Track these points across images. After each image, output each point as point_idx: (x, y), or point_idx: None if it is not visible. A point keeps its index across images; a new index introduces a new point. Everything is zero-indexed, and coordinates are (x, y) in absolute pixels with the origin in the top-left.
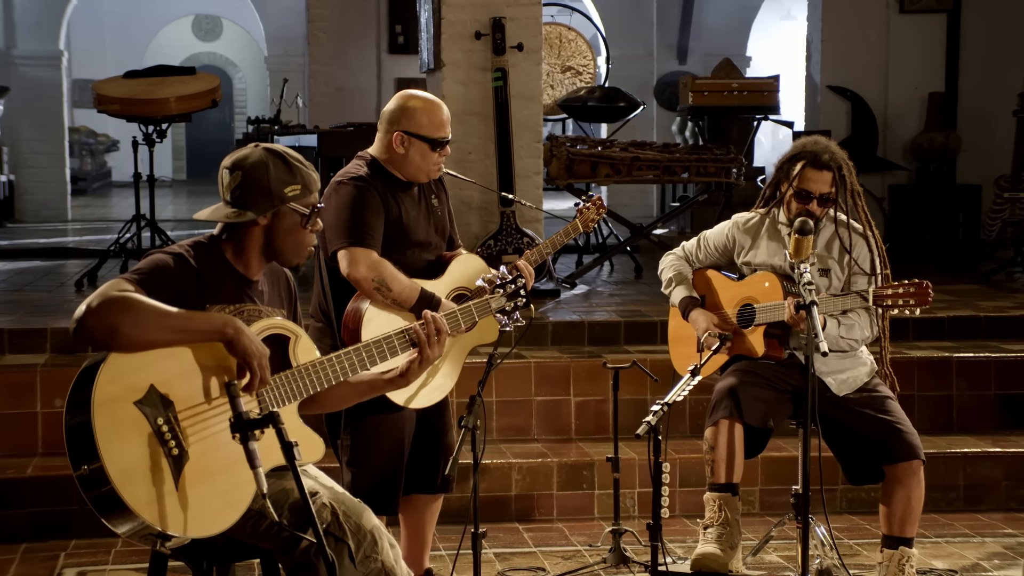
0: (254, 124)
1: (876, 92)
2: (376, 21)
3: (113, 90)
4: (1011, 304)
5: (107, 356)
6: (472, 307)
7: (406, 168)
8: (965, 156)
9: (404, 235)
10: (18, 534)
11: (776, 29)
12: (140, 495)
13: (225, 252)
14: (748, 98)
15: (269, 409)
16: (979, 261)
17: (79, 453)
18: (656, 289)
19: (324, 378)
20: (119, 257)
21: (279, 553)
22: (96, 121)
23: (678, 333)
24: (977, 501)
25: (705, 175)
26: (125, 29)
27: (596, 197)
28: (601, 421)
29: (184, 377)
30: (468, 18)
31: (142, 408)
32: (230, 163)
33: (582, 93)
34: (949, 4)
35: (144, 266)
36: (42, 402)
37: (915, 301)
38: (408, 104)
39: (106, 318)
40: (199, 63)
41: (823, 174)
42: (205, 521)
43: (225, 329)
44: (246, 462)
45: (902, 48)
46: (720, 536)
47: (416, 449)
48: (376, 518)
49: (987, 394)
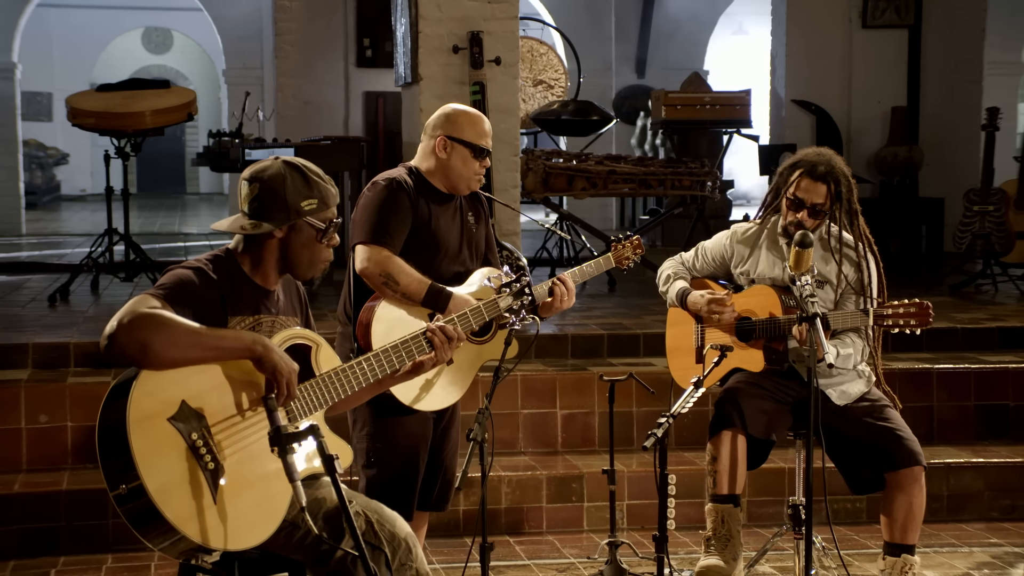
0: (215, 137)
1: (840, 106)
2: (344, 35)
3: (88, 104)
4: (985, 316)
5: (138, 373)
6: (481, 307)
7: (448, 175)
8: (927, 169)
9: (433, 241)
10: (6, 551)
11: (728, 43)
12: (181, 511)
13: (242, 264)
14: (720, 112)
15: (297, 419)
16: (943, 273)
17: (115, 471)
18: (634, 302)
19: (347, 385)
20: (90, 272)
21: (312, 564)
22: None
23: (676, 344)
24: (960, 511)
25: (680, 188)
26: (74, 41)
27: (635, 237)
28: (587, 433)
29: (214, 391)
30: (445, 32)
31: (176, 424)
32: (249, 175)
33: (555, 107)
34: (910, 20)
35: (168, 282)
36: (26, 418)
37: (916, 321)
38: (452, 112)
39: (137, 335)
40: (149, 76)
41: (818, 186)
42: (244, 534)
43: (254, 347)
44: (279, 473)
45: (865, 63)
46: (723, 548)
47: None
48: (409, 526)
49: (967, 405)
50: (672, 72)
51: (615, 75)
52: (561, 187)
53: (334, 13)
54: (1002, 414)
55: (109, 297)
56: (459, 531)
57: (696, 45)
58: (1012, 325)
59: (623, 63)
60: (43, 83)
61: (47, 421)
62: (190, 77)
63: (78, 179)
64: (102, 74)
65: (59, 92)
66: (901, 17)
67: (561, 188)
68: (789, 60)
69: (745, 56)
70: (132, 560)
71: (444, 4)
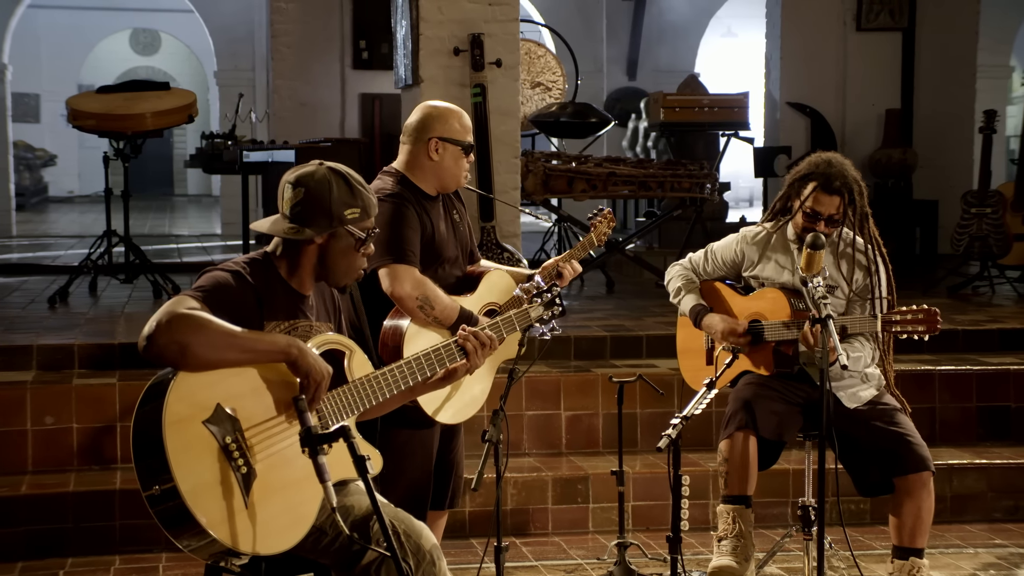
0: (208, 139)
1: (834, 108)
2: (340, 36)
3: (88, 105)
4: (985, 318)
5: (175, 375)
6: (512, 316)
7: (439, 176)
8: (921, 172)
9: (437, 252)
10: (14, 553)
11: (717, 46)
12: (212, 513)
13: (279, 268)
14: (719, 114)
15: (328, 423)
16: (938, 275)
17: (149, 471)
18: (634, 303)
19: (380, 391)
20: (89, 273)
21: (338, 569)
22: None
23: (687, 345)
24: (962, 512)
25: (680, 190)
26: (62, 43)
27: (607, 211)
28: (591, 435)
29: (248, 395)
30: (446, 34)
31: (210, 426)
32: (294, 178)
33: (554, 109)
34: (904, 23)
35: (206, 283)
36: (32, 419)
37: (924, 328)
38: (436, 112)
39: (176, 336)
40: (136, 77)
41: (832, 199)
42: (274, 538)
43: (289, 349)
44: (310, 478)
45: (859, 65)
46: (735, 548)
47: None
48: (434, 538)
49: (969, 406)
50: (663, 74)
51: (606, 77)
52: (561, 189)
53: (330, 15)
54: (1004, 415)
55: (108, 299)
56: (465, 532)
57: (687, 47)
58: (1012, 327)
59: (614, 65)
60: (31, 84)
61: (53, 423)
62: (178, 79)
63: (65, 181)
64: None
65: (47, 94)
66: (895, 20)
67: (561, 190)
68: (784, 63)
69: (734, 59)
70: (140, 561)
71: (445, 6)
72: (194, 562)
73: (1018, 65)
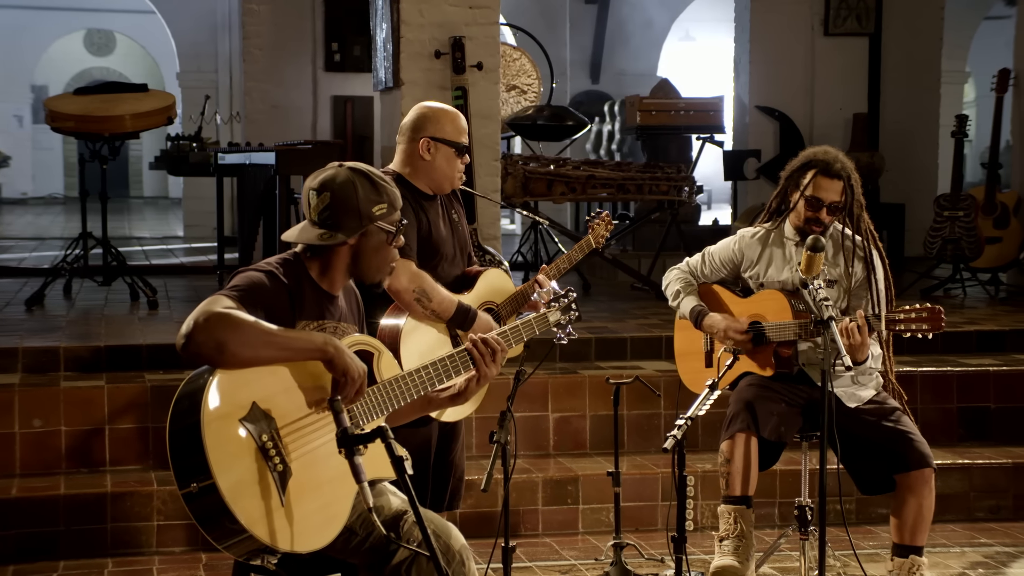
0: (173, 141)
1: (802, 112)
2: (312, 39)
3: (67, 107)
4: (962, 319)
5: (212, 373)
6: (532, 321)
7: (433, 176)
8: (888, 175)
9: (434, 249)
10: (5, 556)
11: (676, 49)
12: (251, 511)
13: (310, 269)
14: (694, 118)
15: (358, 423)
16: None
17: (187, 469)
18: (615, 305)
19: (407, 393)
20: (64, 276)
21: (368, 568)
22: None
23: (685, 347)
24: (945, 512)
25: (657, 193)
26: (14, 43)
27: (604, 214)
28: (579, 436)
29: (283, 393)
30: (427, 37)
31: (247, 425)
32: (317, 184)
33: (531, 112)
34: (871, 28)
35: (240, 283)
36: (20, 422)
37: (928, 326)
38: (431, 112)
39: (214, 334)
40: (91, 78)
41: (834, 183)
42: (309, 536)
43: (326, 347)
44: (342, 478)
45: (827, 70)
46: (736, 548)
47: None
48: (463, 538)
49: (950, 407)
50: (627, 77)
51: (569, 80)
52: (541, 192)
53: (302, 17)
54: (983, 416)
55: (84, 302)
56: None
57: (650, 51)
58: (989, 328)
59: (577, 68)
60: None
61: (41, 425)
62: (133, 80)
63: (18, 182)
64: (43, 76)
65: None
66: (862, 25)
67: (541, 193)
68: (752, 67)
69: (693, 63)
70: (133, 564)
71: (426, 9)
72: (187, 564)
73: (972, 71)
